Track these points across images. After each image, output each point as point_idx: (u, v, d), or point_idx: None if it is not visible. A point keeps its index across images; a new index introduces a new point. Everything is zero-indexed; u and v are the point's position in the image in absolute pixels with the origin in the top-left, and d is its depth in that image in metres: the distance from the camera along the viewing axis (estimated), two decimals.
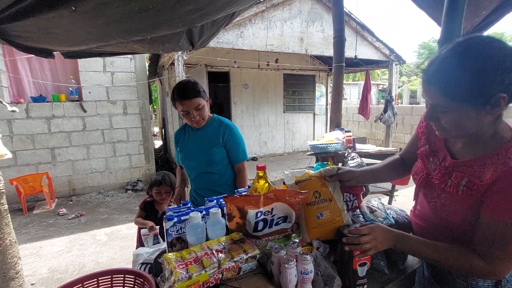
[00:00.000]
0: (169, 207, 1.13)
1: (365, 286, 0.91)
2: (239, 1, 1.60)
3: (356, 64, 6.01)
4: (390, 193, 2.83)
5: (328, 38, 4.98)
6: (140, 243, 1.94)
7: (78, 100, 4.81)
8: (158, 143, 10.59)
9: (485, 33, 3.01)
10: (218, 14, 1.77)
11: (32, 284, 2.43)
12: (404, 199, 4.05)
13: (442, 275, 0.93)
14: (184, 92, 1.46)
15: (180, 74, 3.81)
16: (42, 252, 2.98)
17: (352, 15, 5.15)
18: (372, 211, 1.05)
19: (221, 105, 9.70)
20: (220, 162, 1.57)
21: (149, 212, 2.07)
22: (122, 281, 1.03)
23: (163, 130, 8.58)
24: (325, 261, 0.91)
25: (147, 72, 6.12)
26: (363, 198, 1.32)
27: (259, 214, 0.93)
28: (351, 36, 5.09)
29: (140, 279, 1.02)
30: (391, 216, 1.02)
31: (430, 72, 0.74)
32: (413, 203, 1.05)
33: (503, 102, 0.68)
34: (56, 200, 4.62)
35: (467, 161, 0.80)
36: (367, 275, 0.90)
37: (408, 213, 1.10)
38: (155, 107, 13.07)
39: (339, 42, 2.97)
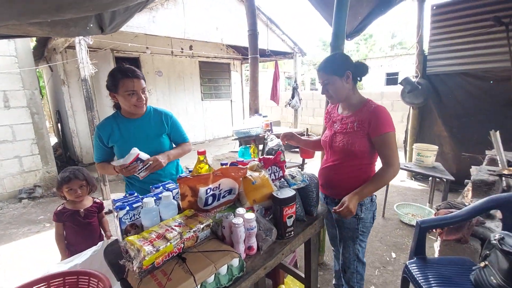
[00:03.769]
0: (115, 199, 1.16)
1: (292, 232, 1.22)
2: None
3: (267, 54, 6.53)
4: (301, 166, 3.40)
5: (241, 28, 5.24)
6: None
7: None
8: (52, 140, 8.88)
9: (362, 33, 3.96)
10: (134, 0, 1.74)
11: None
12: (310, 169, 4.85)
13: None
14: (133, 71, 1.46)
15: (85, 60, 3.36)
16: None
17: (261, 9, 5.54)
18: (293, 177, 1.37)
19: None
20: (168, 149, 1.65)
21: (69, 219, 1.84)
22: (76, 283, 1.04)
23: (58, 124, 7.25)
24: (263, 219, 1.17)
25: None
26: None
27: (208, 191, 1.10)
28: (261, 29, 5.49)
29: (94, 280, 1.06)
30: (306, 178, 1.36)
31: (320, 65, 1.44)
32: (316, 168, 1.65)
33: (350, 74, 1.37)
34: None
35: (352, 114, 1.43)
36: (293, 224, 1.22)
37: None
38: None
39: (253, 35, 3.24)
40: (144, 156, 1.43)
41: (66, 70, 5.31)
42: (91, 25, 2.03)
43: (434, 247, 2.40)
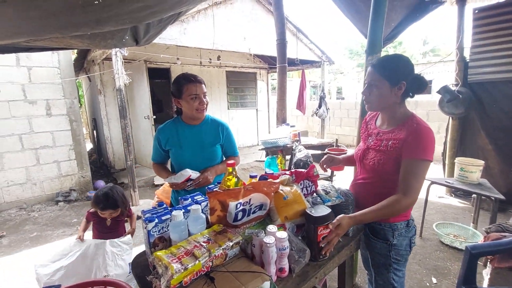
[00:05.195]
0: (145, 210, 1.15)
1: (327, 254, 1.12)
2: (189, 0, 1.64)
3: (295, 63, 6.50)
4: (330, 178, 3.25)
5: (268, 38, 5.26)
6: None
7: None
8: (88, 146, 9.45)
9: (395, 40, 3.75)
10: (168, 13, 1.77)
11: None
12: (340, 181, 4.65)
13: (376, 229, 1.28)
14: (195, 76, 1.57)
15: (120, 71, 3.53)
16: None
17: (288, 19, 5.54)
18: (326, 193, 1.27)
19: (160, 103, 9.24)
20: (220, 159, 1.70)
21: (96, 223, 2.03)
22: None
23: (94, 131, 7.71)
24: (296, 238, 1.09)
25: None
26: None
27: (238, 205, 1.05)
28: (289, 38, 5.48)
29: None
30: (341, 195, 1.26)
31: (376, 62, 1.24)
32: (348, 181, 1.52)
33: (403, 86, 1.18)
34: None
35: (390, 130, 1.26)
36: None
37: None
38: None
39: (281, 44, 3.22)
40: (194, 176, 1.50)
41: (103, 80, 5.64)
42: (127, 37, 2.12)
43: (483, 274, 2.13)
